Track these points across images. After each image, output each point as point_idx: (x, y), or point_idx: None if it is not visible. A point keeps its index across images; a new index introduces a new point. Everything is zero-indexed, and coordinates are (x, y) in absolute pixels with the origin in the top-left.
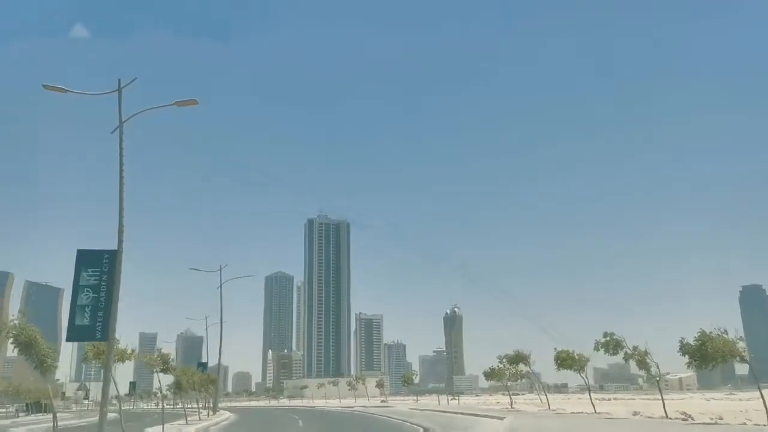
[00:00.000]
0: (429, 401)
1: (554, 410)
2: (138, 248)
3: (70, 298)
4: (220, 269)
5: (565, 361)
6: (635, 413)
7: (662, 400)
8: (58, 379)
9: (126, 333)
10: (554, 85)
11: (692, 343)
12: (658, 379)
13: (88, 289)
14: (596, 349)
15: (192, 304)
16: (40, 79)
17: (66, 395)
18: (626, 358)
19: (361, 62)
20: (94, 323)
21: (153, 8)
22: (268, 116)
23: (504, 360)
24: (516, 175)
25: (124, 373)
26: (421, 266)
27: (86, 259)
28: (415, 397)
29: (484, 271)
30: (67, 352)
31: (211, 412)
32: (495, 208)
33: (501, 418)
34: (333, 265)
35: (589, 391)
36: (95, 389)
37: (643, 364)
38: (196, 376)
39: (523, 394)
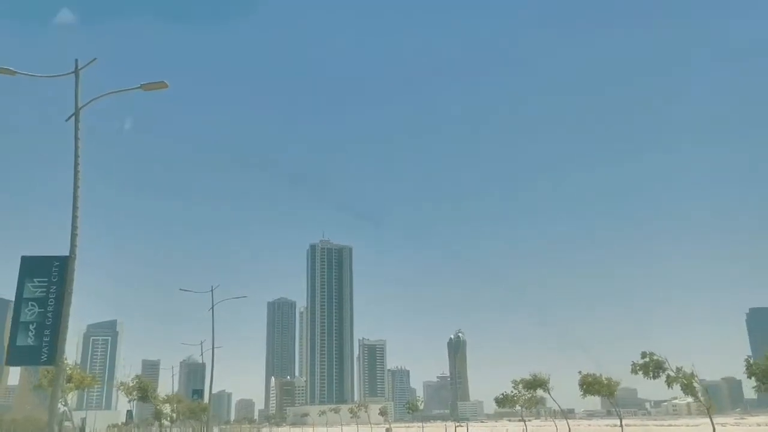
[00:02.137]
0: (435, 430)
1: None
2: (141, 275)
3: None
4: (212, 290)
5: (591, 385)
6: None
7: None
8: (65, 407)
9: (130, 361)
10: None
11: (760, 363)
12: (708, 407)
13: (33, 303)
14: (634, 371)
15: (194, 331)
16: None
17: (62, 425)
18: (669, 382)
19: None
20: (39, 343)
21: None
22: (268, 138)
23: (519, 385)
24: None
25: (123, 401)
26: (424, 291)
27: (32, 267)
28: (420, 425)
29: (490, 293)
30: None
31: None
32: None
33: None
34: (336, 291)
35: (621, 419)
36: (100, 418)
37: (689, 388)
38: (183, 405)
39: (530, 420)
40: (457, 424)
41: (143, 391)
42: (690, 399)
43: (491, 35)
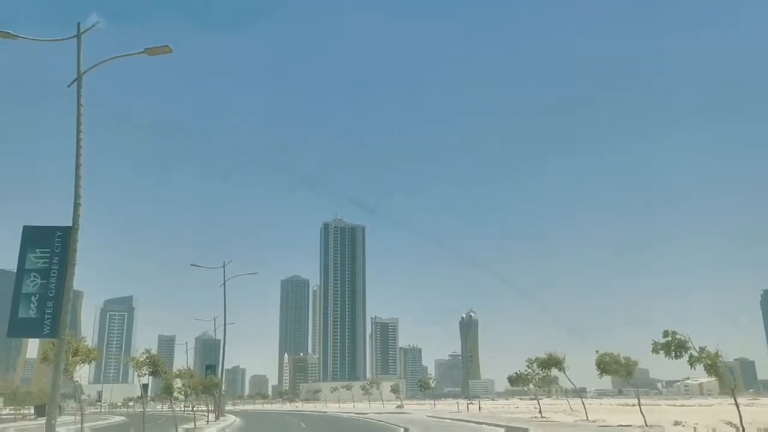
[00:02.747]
0: (446, 407)
1: (594, 422)
2: (157, 253)
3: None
4: (224, 266)
5: (609, 365)
6: (676, 423)
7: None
8: (76, 381)
9: (146, 336)
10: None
11: None
12: (733, 387)
13: (36, 275)
14: (655, 351)
15: (209, 308)
16: None
17: (78, 397)
18: (692, 362)
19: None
20: (41, 316)
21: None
22: (282, 120)
23: (534, 364)
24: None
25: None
26: (437, 270)
27: (34, 237)
28: (432, 402)
29: (502, 273)
30: None
31: (213, 417)
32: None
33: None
34: (348, 269)
35: (639, 399)
36: (117, 391)
37: (713, 369)
38: (195, 380)
39: (541, 399)
40: (469, 401)
41: (154, 366)
42: (704, 379)
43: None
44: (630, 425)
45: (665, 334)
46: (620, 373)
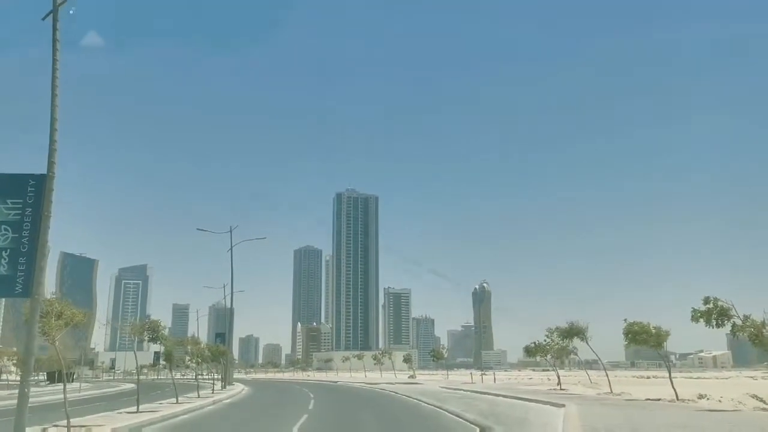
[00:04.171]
0: (459, 377)
1: (619, 395)
2: (170, 223)
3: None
4: (231, 230)
5: (639, 335)
6: (701, 396)
7: None
8: (93, 348)
9: (161, 305)
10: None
11: None
12: None
13: (6, 227)
14: (694, 319)
15: (223, 277)
16: None
17: (95, 365)
18: (735, 331)
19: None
20: (13, 273)
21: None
22: (294, 92)
23: (554, 333)
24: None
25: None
26: (449, 241)
27: (4, 186)
28: (444, 373)
29: (515, 247)
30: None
31: (220, 386)
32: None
33: (559, 405)
34: (361, 239)
35: (669, 371)
36: (130, 359)
37: (759, 339)
38: (198, 347)
39: (553, 371)
40: (482, 372)
41: (153, 332)
42: (717, 352)
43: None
44: (660, 398)
45: (706, 300)
46: (650, 343)
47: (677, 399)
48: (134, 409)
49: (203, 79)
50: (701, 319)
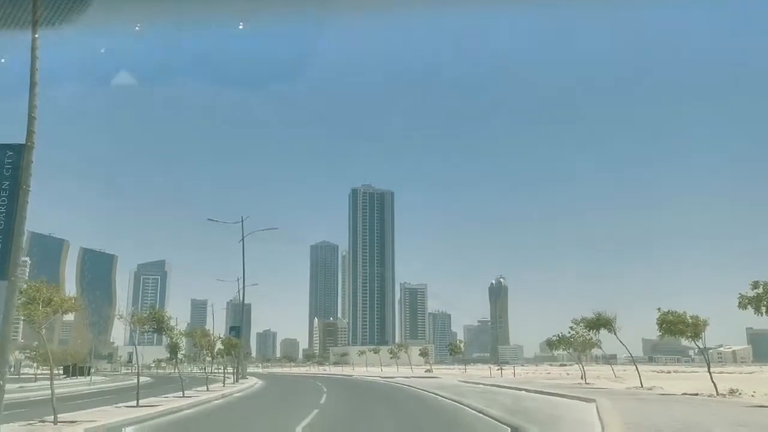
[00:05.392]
0: (477, 372)
1: (650, 389)
2: (189, 220)
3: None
4: (242, 220)
5: (674, 324)
6: (732, 392)
7: None
8: (113, 342)
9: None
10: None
11: None
12: None
13: None
14: (742, 306)
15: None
16: None
17: (114, 359)
18: None
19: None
20: None
21: None
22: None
23: (580, 324)
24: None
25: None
26: (466, 237)
27: None
28: (462, 367)
29: (531, 243)
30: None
31: (233, 380)
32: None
33: (589, 401)
34: (377, 235)
35: (709, 366)
36: (149, 352)
37: None
38: (204, 339)
39: (571, 365)
40: (499, 367)
41: (158, 323)
42: (737, 346)
43: None
44: (697, 393)
45: (755, 285)
46: (687, 334)
47: (717, 394)
48: (134, 403)
49: (215, 78)
50: (749, 306)
